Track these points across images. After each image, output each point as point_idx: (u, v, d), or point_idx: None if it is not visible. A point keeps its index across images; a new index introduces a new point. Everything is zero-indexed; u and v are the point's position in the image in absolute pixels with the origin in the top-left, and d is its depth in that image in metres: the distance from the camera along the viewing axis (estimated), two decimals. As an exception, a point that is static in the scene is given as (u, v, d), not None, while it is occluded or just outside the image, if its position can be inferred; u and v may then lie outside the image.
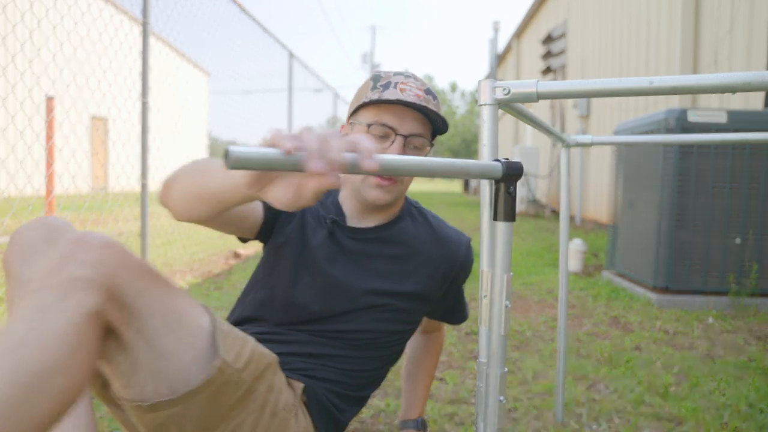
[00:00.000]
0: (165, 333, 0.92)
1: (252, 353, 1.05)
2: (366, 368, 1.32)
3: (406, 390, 1.60)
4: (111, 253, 0.88)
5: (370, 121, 1.22)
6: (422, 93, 1.24)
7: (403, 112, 1.22)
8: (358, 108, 1.26)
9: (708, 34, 5.88)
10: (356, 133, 1.15)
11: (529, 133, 13.52)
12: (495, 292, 0.79)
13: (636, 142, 1.80)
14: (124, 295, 0.88)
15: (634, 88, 0.76)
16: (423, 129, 1.25)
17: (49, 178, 4.89)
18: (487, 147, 0.81)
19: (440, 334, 1.64)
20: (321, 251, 1.29)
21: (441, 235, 1.37)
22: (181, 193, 0.99)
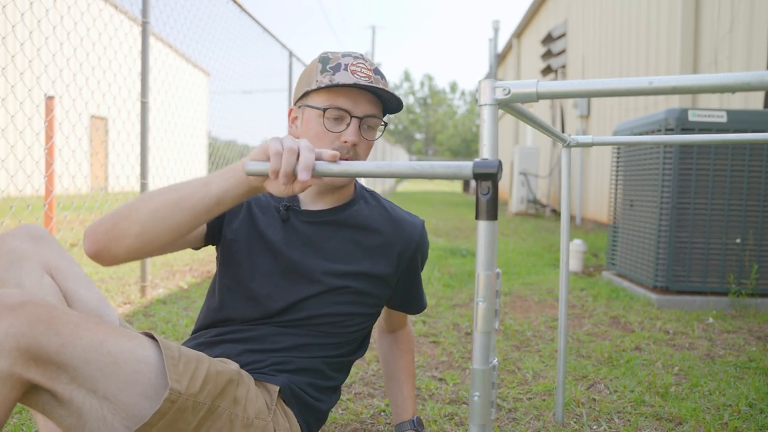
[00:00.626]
0: (103, 377, 0.92)
1: (207, 373, 1.05)
2: (335, 353, 1.33)
3: (393, 394, 1.59)
4: (25, 312, 0.87)
5: (325, 105, 1.22)
6: (372, 74, 1.25)
7: (356, 95, 1.23)
8: (308, 92, 1.25)
9: (708, 34, 5.88)
10: (309, 118, 1.25)
11: (529, 133, 13.52)
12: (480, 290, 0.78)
13: (636, 142, 1.80)
14: (44, 352, 0.88)
15: (634, 88, 0.76)
16: (376, 110, 1.26)
17: (48, 178, 4.89)
18: (487, 147, 0.81)
19: (407, 331, 1.63)
20: (276, 238, 1.29)
21: (395, 217, 1.38)
22: (152, 215, 1.04)
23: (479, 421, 0.79)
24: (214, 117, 6.05)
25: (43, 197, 5.90)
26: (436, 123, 59.68)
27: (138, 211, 1.05)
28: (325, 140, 1.23)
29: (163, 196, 1.04)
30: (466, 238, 7.01)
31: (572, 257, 4.72)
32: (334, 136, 1.23)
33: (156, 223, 1.04)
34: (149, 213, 1.04)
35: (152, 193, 1.06)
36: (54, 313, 0.90)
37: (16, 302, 0.88)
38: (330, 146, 1.22)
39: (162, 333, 2.69)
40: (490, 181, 0.77)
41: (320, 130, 1.23)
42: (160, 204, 1.04)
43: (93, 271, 4.07)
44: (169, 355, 1.00)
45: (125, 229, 1.05)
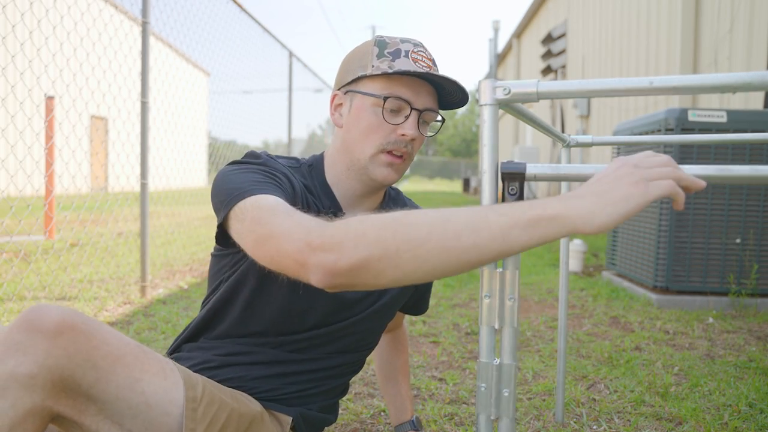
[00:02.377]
0: (132, 416, 0.88)
1: (229, 416, 1.00)
2: (352, 370, 1.30)
3: (391, 395, 1.54)
4: (64, 341, 0.82)
5: (385, 93, 1.10)
6: (432, 64, 1.14)
7: (418, 85, 1.11)
8: (362, 77, 1.12)
9: (708, 34, 5.88)
10: (361, 106, 1.11)
11: (529, 133, 13.52)
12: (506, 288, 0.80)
13: (636, 142, 1.80)
14: (78, 385, 0.83)
15: (634, 88, 0.76)
16: (435, 103, 1.16)
17: (48, 178, 4.89)
18: (487, 147, 0.81)
19: (403, 330, 1.58)
20: None
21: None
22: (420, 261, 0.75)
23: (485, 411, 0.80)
24: (214, 117, 6.04)
25: (43, 197, 5.90)
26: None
27: (398, 254, 0.75)
28: (381, 132, 1.11)
29: (439, 241, 0.74)
30: (466, 238, 7.00)
31: (572, 257, 4.72)
32: (391, 128, 1.11)
33: (422, 271, 0.76)
34: (415, 259, 0.75)
35: (418, 232, 0.75)
36: (93, 342, 0.85)
37: (55, 327, 0.81)
38: (386, 140, 1.11)
39: (162, 333, 2.69)
40: (517, 182, 0.79)
41: (375, 120, 1.11)
42: (432, 250, 0.74)
43: (93, 271, 4.07)
44: (192, 396, 0.94)
45: (381, 270, 0.76)
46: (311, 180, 1.18)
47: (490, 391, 0.81)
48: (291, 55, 7.75)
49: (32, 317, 0.82)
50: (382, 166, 1.12)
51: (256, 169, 1.05)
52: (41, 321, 0.82)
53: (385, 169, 1.12)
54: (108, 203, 6.53)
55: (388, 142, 1.11)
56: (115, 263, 4.40)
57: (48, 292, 3.39)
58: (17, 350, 0.80)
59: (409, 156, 1.15)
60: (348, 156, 1.15)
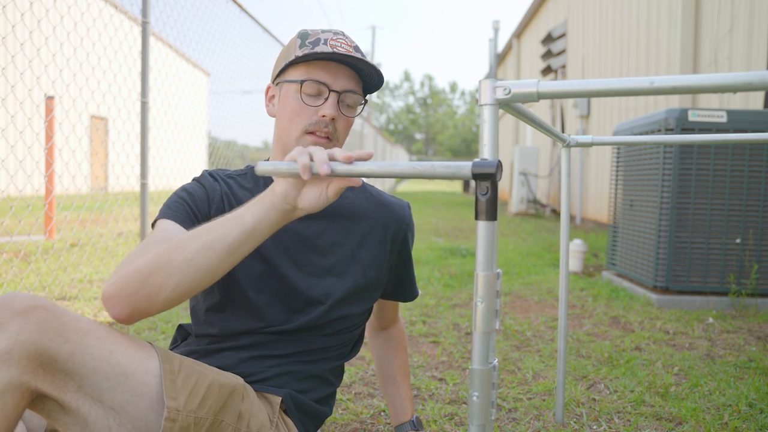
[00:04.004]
0: (110, 388, 0.90)
1: (209, 387, 1.01)
2: (336, 353, 1.30)
3: (391, 395, 1.54)
4: (35, 318, 0.85)
5: (302, 77, 1.16)
6: (352, 50, 1.18)
7: (335, 68, 1.17)
8: (286, 67, 1.19)
9: (708, 34, 5.88)
10: (286, 93, 1.20)
11: (529, 133, 13.52)
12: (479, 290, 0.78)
13: (636, 142, 1.80)
14: (53, 360, 0.86)
15: (634, 88, 0.76)
16: (356, 86, 1.21)
17: (48, 178, 4.89)
18: (488, 147, 0.81)
19: (399, 327, 1.57)
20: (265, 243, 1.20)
21: (383, 200, 1.34)
22: (188, 264, 0.93)
23: (478, 421, 0.79)
24: (214, 117, 6.04)
25: (43, 197, 5.90)
26: (436, 123, 59.69)
27: (170, 262, 0.93)
28: (303, 115, 1.17)
29: (197, 240, 0.94)
30: (466, 238, 7.01)
31: (572, 257, 4.72)
32: (312, 110, 1.17)
33: (193, 271, 0.93)
34: (184, 262, 0.93)
35: (181, 239, 0.96)
36: (64, 318, 0.88)
37: (26, 306, 0.86)
38: (307, 122, 1.16)
39: (162, 333, 2.69)
40: (489, 181, 0.77)
41: (297, 104, 1.17)
42: (195, 250, 0.94)
43: (93, 271, 4.07)
44: (168, 369, 0.97)
45: (158, 284, 0.93)
46: (256, 182, 1.26)
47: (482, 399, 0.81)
48: (291, 55, 7.74)
49: (4, 300, 0.86)
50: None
51: (181, 189, 1.20)
52: (13, 302, 0.86)
53: None
54: (108, 203, 6.53)
55: (309, 124, 1.16)
56: (115, 263, 4.40)
57: (48, 292, 3.39)
58: None
59: (335, 137, 1.19)
60: (281, 143, 1.21)
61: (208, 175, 1.25)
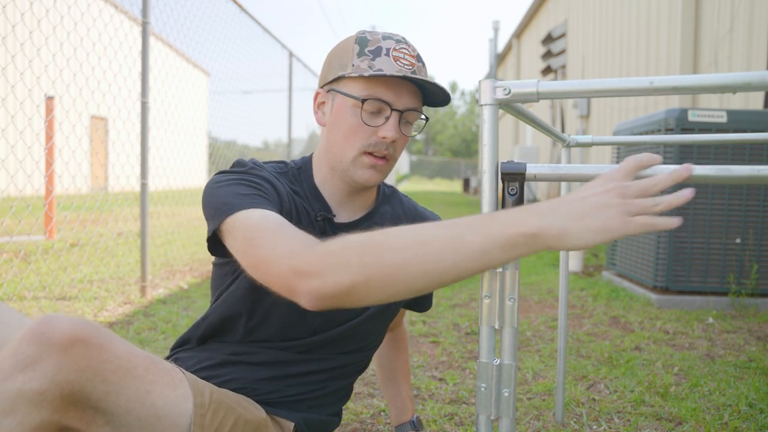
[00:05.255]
0: (140, 428, 0.88)
1: (235, 423, 1.00)
2: (357, 369, 1.29)
3: (391, 395, 1.52)
4: (74, 356, 0.80)
5: (364, 95, 1.09)
6: (416, 61, 1.12)
7: (399, 85, 1.10)
8: (342, 76, 1.11)
9: (708, 34, 5.88)
10: (341, 107, 1.10)
11: (529, 133, 13.52)
12: (506, 288, 0.80)
13: (636, 142, 1.80)
14: (87, 398, 0.82)
15: (634, 88, 0.76)
16: (418, 103, 1.14)
17: (48, 178, 4.90)
18: (488, 147, 0.81)
19: (402, 328, 1.55)
20: None
21: (417, 213, 1.31)
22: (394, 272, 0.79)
23: (486, 412, 0.80)
24: (214, 117, 6.04)
25: (43, 197, 5.90)
26: (436, 123, 59.70)
27: (383, 277, 0.79)
28: (360, 134, 1.10)
29: (423, 263, 0.78)
30: (466, 238, 7.00)
31: (572, 257, 4.72)
32: (371, 130, 1.10)
33: (403, 290, 0.80)
34: (398, 282, 0.79)
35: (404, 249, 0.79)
36: (104, 355, 0.84)
37: (66, 340, 0.79)
38: (365, 141, 1.10)
39: (162, 333, 2.69)
40: (517, 182, 0.79)
41: (355, 122, 1.10)
42: (417, 273, 0.79)
43: (93, 271, 4.07)
44: (200, 402, 0.95)
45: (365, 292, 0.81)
46: (299, 184, 1.18)
47: (490, 391, 0.81)
48: (291, 56, 7.75)
49: (43, 330, 0.80)
50: (364, 168, 1.12)
51: (243, 179, 1.06)
52: (52, 334, 0.80)
53: (367, 171, 1.12)
54: (108, 203, 6.53)
55: (368, 144, 1.10)
56: (115, 263, 4.40)
57: (48, 292, 3.39)
58: (26, 365, 0.78)
59: (392, 157, 1.14)
60: (331, 157, 1.14)
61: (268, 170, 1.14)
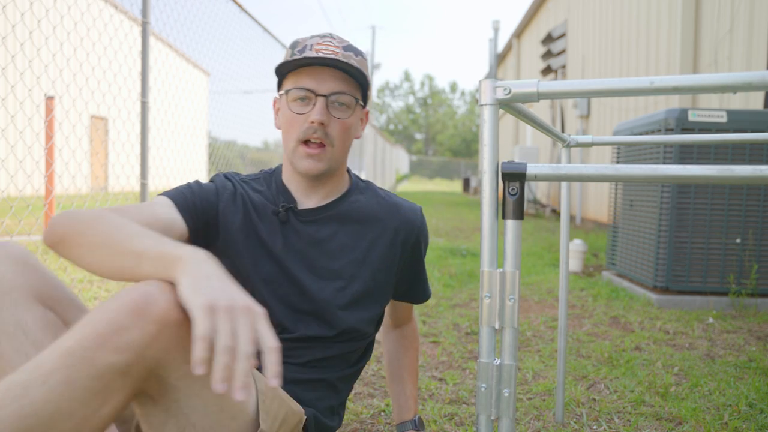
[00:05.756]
0: (203, 414, 0.89)
1: (287, 413, 1.04)
2: (347, 361, 1.29)
3: (395, 392, 1.53)
4: (167, 335, 0.81)
5: (289, 87, 1.19)
6: (340, 50, 1.19)
7: (320, 72, 1.17)
8: (281, 80, 1.23)
9: (708, 34, 5.88)
10: (282, 105, 1.21)
11: (529, 133, 13.51)
12: (506, 288, 0.80)
13: (636, 142, 1.80)
14: (166, 376, 0.84)
15: (634, 88, 0.76)
16: (346, 86, 1.20)
17: (48, 178, 4.89)
18: (488, 147, 0.81)
19: (412, 326, 1.56)
20: (276, 246, 1.22)
21: (394, 203, 1.33)
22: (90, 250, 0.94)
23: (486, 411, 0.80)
24: (214, 117, 6.04)
25: (43, 197, 5.90)
26: (436, 123, 59.69)
27: (81, 236, 0.95)
28: (295, 125, 1.19)
29: (108, 235, 0.93)
30: (466, 238, 7.01)
31: (572, 257, 4.72)
32: (302, 118, 1.18)
33: (92, 259, 0.93)
34: (89, 245, 0.94)
35: (103, 219, 0.96)
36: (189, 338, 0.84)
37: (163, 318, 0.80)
38: (300, 130, 1.18)
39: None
40: (518, 182, 0.79)
41: (290, 115, 1.19)
42: (99, 238, 0.93)
43: (93, 271, 4.06)
44: (261, 389, 0.99)
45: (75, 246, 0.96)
46: (268, 184, 1.29)
47: (490, 391, 0.81)
48: (291, 55, 7.74)
49: (144, 300, 0.80)
50: (303, 158, 1.19)
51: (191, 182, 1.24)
52: (151, 309, 0.80)
53: (306, 161, 1.19)
54: (108, 203, 6.52)
55: (301, 132, 1.18)
56: (115, 263, 4.39)
57: (48, 292, 3.39)
58: (120, 334, 0.78)
59: (330, 143, 1.19)
60: (285, 152, 1.24)
61: (222, 175, 1.29)
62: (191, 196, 1.19)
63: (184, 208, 1.17)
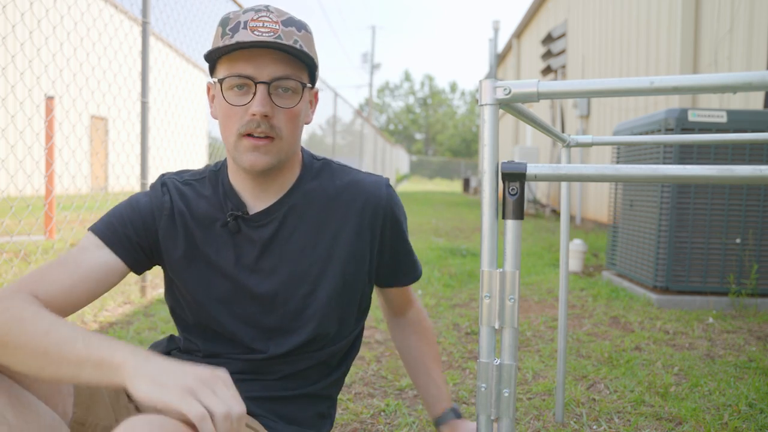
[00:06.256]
0: None
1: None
2: (331, 366, 1.20)
3: (423, 384, 1.33)
4: None
5: (224, 74, 1.02)
6: (279, 26, 1.01)
7: (259, 55, 1.00)
8: (213, 65, 1.06)
9: (708, 34, 5.88)
10: (217, 95, 1.05)
11: (529, 133, 13.52)
12: (506, 288, 0.80)
13: (636, 142, 1.80)
14: None
15: (634, 88, 0.76)
16: (291, 69, 1.03)
17: (48, 178, 4.90)
18: (488, 147, 0.81)
19: (416, 309, 1.37)
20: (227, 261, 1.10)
21: (353, 181, 1.17)
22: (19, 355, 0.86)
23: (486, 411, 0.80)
24: (214, 117, 6.02)
25: (43, 197, 5.90)
26: (436, 123, 59.69)
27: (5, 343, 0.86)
28: (233, 117, 1.03)
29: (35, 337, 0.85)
30: (466, 238, 7.01)
31: (572, 257, 4.72)
32: (242, 110, 1.02)
33: (23, 367, 0.87)
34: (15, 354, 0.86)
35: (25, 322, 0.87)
36: None
37: None
38: (239, 123, 1.02)
39: (162, 333, 2.69)
40: (518, 182, 0.79)
41: (226, 106, 1.03)
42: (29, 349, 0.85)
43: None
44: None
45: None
46: (214, 186, 1.14)
47: (490, 391, 0.81)
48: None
49: None
50: (247, 152, 1.03)
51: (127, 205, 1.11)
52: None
53: (250, 155, 1.03)
54: (108, 203, 6.52)
55: (242, 125, 1.02)
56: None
57: (48, 292, 3.39)
58: None
59: (279, 135, 1.03)
60: (226, 147, 1.08)
61: (160, 186, 1.14)
62: (122, 228, 1.07)
63: (117, 245, 1.06)
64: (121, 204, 1.11)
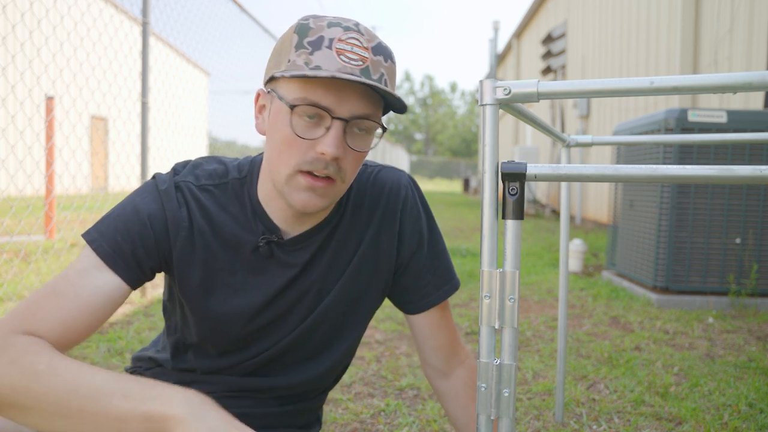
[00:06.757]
0: None
1: None
2: (331, 384, 1.16)
3: None
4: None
5: (295, 99, 0.85)
6: (369, 54, 0.86)
7: (342, 86, 0.85)
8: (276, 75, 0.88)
9: (708, 34, 5.88)
10: (277, 112, 0.88)
11: (529, 133, 13.52)
12: (506, 288, 0.80)
13: (636, 142, 1.80)
14: None
15: (634, 88, 0.76)
16: (371, 108, 0.89)
17: (48, 178, 4.90)
18: (488, 147, 0.81)
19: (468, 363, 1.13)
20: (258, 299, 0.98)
21: (378, 184, 1.05)
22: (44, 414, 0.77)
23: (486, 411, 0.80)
24: (214, 117, 6.04)
25: (43, 197, 5.90)
26: (436, 123, 59.71)
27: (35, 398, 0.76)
28: (295, 148, 0.87)
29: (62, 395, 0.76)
30: (466, 238, 7.01)
31: (572, 257, 4.72)
32: (307, 144, 0.87)
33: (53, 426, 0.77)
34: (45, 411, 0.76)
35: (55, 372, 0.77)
36: None
37: None
38: (300, 157, 0.87)
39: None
40: (518, 182, 0.80)
41: (288, 133, 0.86)
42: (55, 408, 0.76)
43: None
44: None
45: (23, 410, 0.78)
46: (240, 202, 0.98)
47: (490, 390, 0.81)
48: (291, 55, 7.74)
49: None
50: (300, 191, 0.89)
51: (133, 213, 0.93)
52: None
53: (304, 194, 0.89)
54: (108, 203, 6.53)
55: (304, 161, 0.87)
56: (115, 263, 4.39)
57: (48, 292, 3.38)
58: None
59: (341, 178, 0.90)
60: (270, 174, 0.93)
61: (174, 191, 0.95)
62: (129, 246, 0.91)
63: (122, 267, 0.90)
64: (126, 210, 0.93)
